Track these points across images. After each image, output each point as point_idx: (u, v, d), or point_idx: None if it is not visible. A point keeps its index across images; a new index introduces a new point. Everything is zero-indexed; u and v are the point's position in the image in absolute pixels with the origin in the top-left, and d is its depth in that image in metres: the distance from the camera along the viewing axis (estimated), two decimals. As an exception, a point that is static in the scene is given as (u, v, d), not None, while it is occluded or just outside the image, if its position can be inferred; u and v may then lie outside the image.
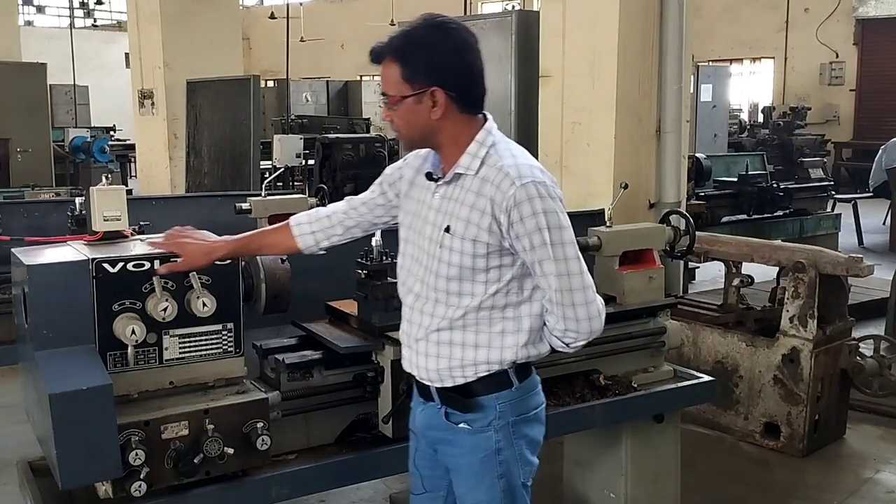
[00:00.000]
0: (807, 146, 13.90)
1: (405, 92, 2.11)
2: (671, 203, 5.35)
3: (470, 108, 2.17)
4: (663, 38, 5.37)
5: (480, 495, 2.22)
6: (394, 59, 2.12)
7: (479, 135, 2.17)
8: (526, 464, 2.22)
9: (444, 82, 2.10)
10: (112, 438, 2.24)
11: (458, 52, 2.12)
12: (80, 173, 12.09)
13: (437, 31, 2.12)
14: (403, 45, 2.12)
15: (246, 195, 5.09)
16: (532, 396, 2.24)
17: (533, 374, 2.25)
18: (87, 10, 26.25)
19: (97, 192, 2.62)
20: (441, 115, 2.12)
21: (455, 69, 2.12)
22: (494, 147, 2.15)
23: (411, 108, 2.12)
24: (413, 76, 2.10)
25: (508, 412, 2.17)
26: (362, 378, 2.77)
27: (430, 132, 2.16)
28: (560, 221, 2.09)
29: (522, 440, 2.20)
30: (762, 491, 4.18)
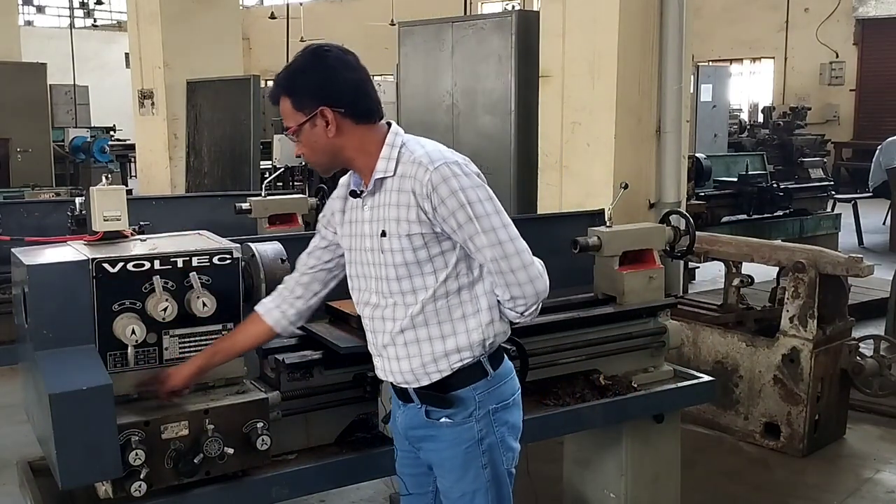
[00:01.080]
0: (807, 146, 13.91)
1: (299, 120, 2.21)
2: (671, 203, 5.35)
3: (364, 118, 2.24)
4: (663, 38, 5.38)
5: (466, 485, 2.26)
6: (283, 94, 2.22)
7: (387, 138, 2.24)
8: (508, 450, 2.28)
9: (329, 101, 2.19)
10: (112, 438, 2.24)
11: (334, 70, 2.20)
12: (80, 173, 12.10)
13: (312, 57, 2.22)
14: (287, 79, 2.23)
15: (246, 195, 5.10)
16: (508, 383, 2.31)
17: (505, 360, 2.32)
18: (87, 10, 26.23)
19: (97, 192, 2.62)
20: (337, 132, 2.21)
21: (336, 87, 2.20)
22: (405, 145, 2.23)
23: (310, 134, 2.21)
24: (301, 104, 2.20)
25: (487, 401, 2.24)
26: (362, 378, 2.77)
27: (335, 151, 2.24)
28: (479, 195, 2.14)
29: (504, 427, 2.27)
30: (762, 491, 4.18)
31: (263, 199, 4.82)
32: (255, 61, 24.33)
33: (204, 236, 2.70)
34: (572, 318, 3.27)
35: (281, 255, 2.67)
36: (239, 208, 4.77)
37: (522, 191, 6.36)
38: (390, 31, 13.36)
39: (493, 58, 6.65)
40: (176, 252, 2.47)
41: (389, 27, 16.69)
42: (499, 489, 2.27)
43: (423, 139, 2.28)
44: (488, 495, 2.26)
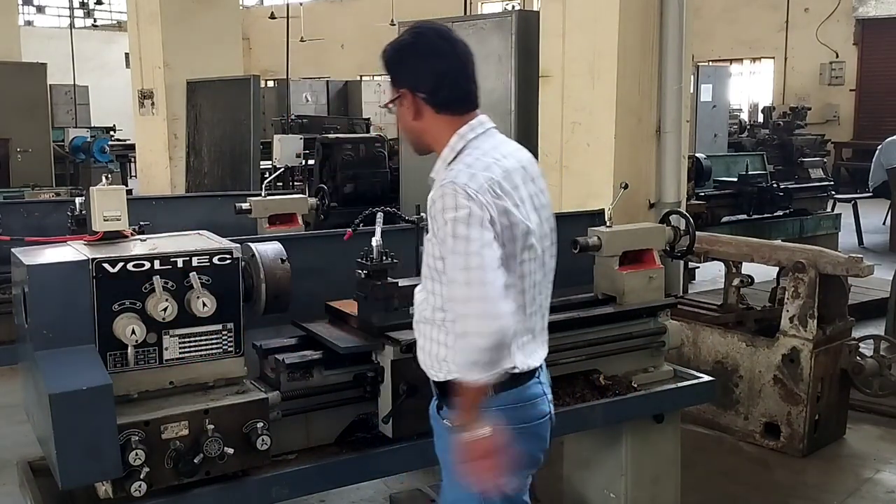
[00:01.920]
0: (807, 146, 13.89)
1: (391, 96, 2.25)
2: (671, 203, 5.35)
3: (445, 108, 2.20)
4: (663, 38, 5.37)
5: (456, 493, 2.23)
6: (385, 68, 2.26)
7: (452, 140, 2.20)
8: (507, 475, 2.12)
9: (413, 85, 2.20)
10: (112, 438, 2.24)
11: (421, 56, 2.21)
12: (80, 173, 12.08)
13: (408, 39, 2.23)
14: (389, 53, 2.25)
15: (246, 195, 5.09)
16: (516, 410, 2.18)
17: (524, 387, 2.20)
18: (87, 10, 26.24)
19: (97, 192, 2.62)
20: (417, 116, 2.21)
21: (419, 73, 2.20)
22: (463, 151, 2.18)
23: (398, 111, 2.26)
24: (393, 82, 2.24)
25: (488, 419, 2.09)
26: (362, 378, 2.77)
27: (417, 133, 2.26)
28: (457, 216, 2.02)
29: None
30: (762, 491, 4.18)
31: (263, 199, 4.82)
32: (255, 61, 24.34)
33: (204, 236, 2.70)
34: (572, 318, 3.27)
35: (281, 255, 2.67)
36: (239, 208, 4.76)
37: (522, 191, 6.35)
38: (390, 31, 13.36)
39: (493, 58, 6.65)
40: (176, 252, 2.47)
41: (389, 27, 16.69)
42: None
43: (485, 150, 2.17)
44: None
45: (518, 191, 2.15)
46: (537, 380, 2.25)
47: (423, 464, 3.05)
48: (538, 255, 2.21)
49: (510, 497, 2.20)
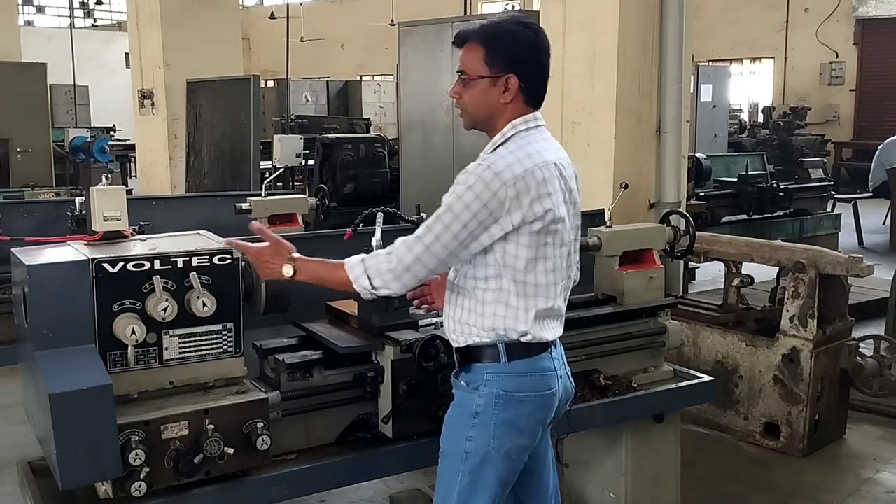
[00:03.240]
0: (807, 146, 13.91)
1: (484, 73, 2.34)
2: (671, 203, 5.35)
3: (532, 100, 2.38)
4: (663, 38, 5.38)
5: (446, 445, 2.41)
6: (479, 43, 2.34)
7: (505, 127, 2.36)
8: (500, 437, 2.32)
9: (519, 72, 2.33)
10: (112, 438, 2.24)
11: (536, 48, 2.37)
12: (80, 173, 12.08)
13: (523, 28, 2.36)
14: (491, 32, 2.35)
15: (246, 195, 5.10)
16: (526, 379, 2.35)
17: (535, 359, 2.36)
18: (87, 10, 26.24)
19: (97, 192, 2.62)
20: (509, 100, 2.35)
21: (531, 63, 2.36)
22: (511, 140, 2.34)
23: (485, 90, 2.35)
24: (494, 61, 2.33)
25: (495, 384, 2.33)
26: (362, 378, 2.77)
27: (494, 113, 2.37)
28: (461, 193, 2.24)
29: (504, 415, 2.32)
30: (762, 491, 4.18)
31: (263, 199, 4.82)
32: (255, 61, 24.35)
33: (204, 236, 2.70)
34: (572, 318, 3.24)
35: (281, 254, 2.66)
36: (239, 208, 4.76)
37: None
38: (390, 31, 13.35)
39: (493, 58, 6.64)
40: (176, 252, 2.47)
41: (389, 27, 16.70)
42: (478, 465, 2.33)
43: (527, 144, 2.32)
44: (462, 465, 2.35)
45: (551, 182, 2.30)
46: (549, 354, 2.40)
47: (423, 464, 3.04)
48: (565, 242, 2.37)
49: (510, 456, 2.35)
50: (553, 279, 2.36)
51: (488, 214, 2.23)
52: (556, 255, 2.35)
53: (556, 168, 2.34)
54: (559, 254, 2.36)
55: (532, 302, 2.33)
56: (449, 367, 2.64)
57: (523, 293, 2.32)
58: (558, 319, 2.44)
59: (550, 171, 2.31)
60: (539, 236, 2.29)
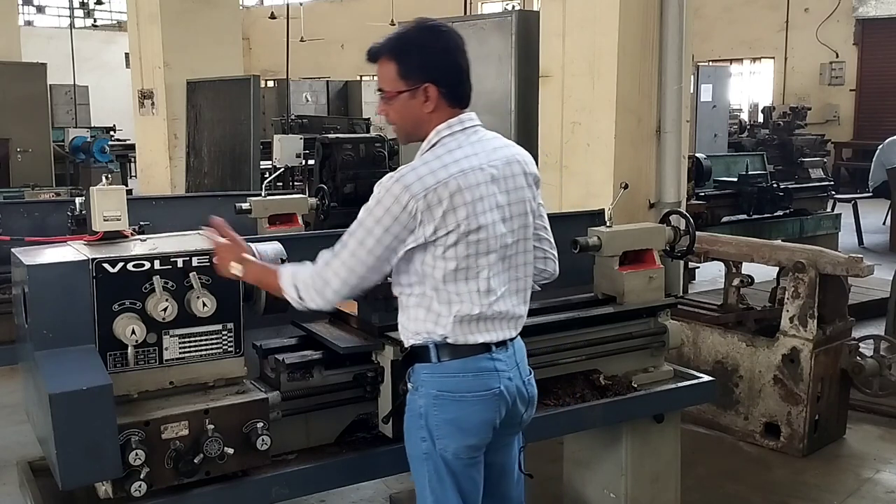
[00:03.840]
0: (807, 146, 13.90)
1: (401, 88, 2.32)
2: (671, 203, 5.35)
3: (457, 102, 2.36)
4: (663, 38, 5.37)
5: (409, 449, 2.43)
6: (390, 58, 2.33)
7: (430, 134, 2.35)
8: (445, 437, 2.34)
9: (435, 79, 2.30)
10: (112, 438, 2.24)
11: (448, 51, 2.34)
12: (80, 173, 12.06)
13: (430, 33, 2.35)
14: (399, 45, 2.34)
15: (246, 195, 5.09)
16: (459, 379, 2.35)
17: (467, 358, 2.35)
18: (87, 10, 26.23)
19: (97, 192, 2.62)
20: (433, 109, 2.32)
21: (445, 67, 2.33)
22: (433, 147, 2.33)
23: (406, 103, 2.33)
24: (408, 73, 2.31)
25: (429, 384, 2.35)
26: (362, 378, 2.77)
27: (422, 124, 2.35)
28: (372, 207, 2.25)
29: (444, 416, 2.34)
30: (762, 491, 4.18)
31: (263, 199, 4.82)
32: (255, 61, 24.35)
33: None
34: (572, 318, 3.27)
35: (281, 255, 2.67)
36: (239, 208, 4.76)
37: (522, 191, 6.34)
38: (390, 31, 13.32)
39: (493, 58, 6.64)
40: (176, 252, 2.47)
41: (389, 27, 16.68)
42: (437, 465, 2.35)
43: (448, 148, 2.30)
44: (426, 465, 2.37)
45: (472, 190, 2.26)
46: (488, 356, 2.37)
47: (423, 464, 3.05)
48: (493, 248, 2.32)
49: (460, 457, 2.35)
50: (484, 286, 2.32)
51: (401, 228, 2.23)
52: (483, 263, 2.31)
53: (483, 172, 2.29)
54: (487, 261, 2.31)
55: (455, 308, 2.31)
56: None
57: (446, 300, 2.31)
58: (503, 323, 2.39)
59: (470, 178, 2.26)
60: (457, 248, 2.26)
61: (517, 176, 2.40)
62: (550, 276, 2.65)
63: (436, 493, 2.37)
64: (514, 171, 2.40)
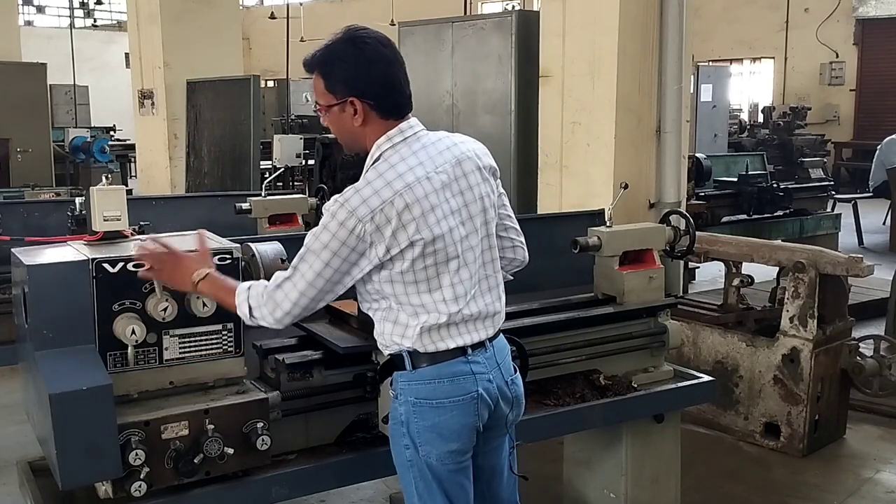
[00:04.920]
0: (807, 146, 13.90)
1: (330, 102, 2.30)
2: (671, 203, 5.35)
3: (391, 114, 2.31)
4: (663, 38, 5.37)
5: (396, 458, 2.42)
6: (317, 72, 2.30)
7: (372, 149, 2.31)
8: (427, 443, 2.32)
9: (360, 92, 2.26)
10: (112, 438, 2.24)
11: (372, 62, 2.27)
12: (80, 173, 12.06)
13: (352, 46, 2.28)
14: (323, 59, 2.29)
15: (246, 195, 5.09)
16: (436, 385, 2.32)
17: (440, 364, 2.32)
18: (87, 10, 26.23)
19: (97, 192, 2.62)
20: (363, 122, 2.29)
21: (369, 80, 2.26)
22: (374, 165, 2.29)
23: (338, 116, 2.31)
24: (333, 88, 2.29)
25: (407, 392, 2.33)
26: (362, 378, 2.76)
27: (357, 137, 2.33)
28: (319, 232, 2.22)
29: (424, 422, 2.32)
30: (762, 491, 4.18)
31: (263, 199, 4.82)
32: (255, 61, 24.33)
33: (204, 236, 2.69)
34: (572, 318, 3.27)
35: (281, 255, 2.67)
36: (239, 208, 4.76)
37: (522, 191, 6.35)
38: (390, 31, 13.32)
39: (493, 58, 6.65)
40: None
41: (389, 27, 16.68)
42: (422, 472, 2.35)
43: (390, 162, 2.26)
44: (411, 472, 2.36)
45: (422, 202, 2.22)
46: (464, 360, 2.34)
47: (423, 464, 3.05)
48: (454, 255, 2.29)
49: (445, 462, 2.34)
50: (450, 294, 2.29)
51: (350, 251, 2.20)
52: (444, 271, 2.28)
53: (430, 182, 2.24)
54: (448, 269, 2.28)
55: (423, 318, 2.29)
56: None
57: (412, 313, 2.29)
58: (476, 324, 2.36)
59: (417, 191, 2.21)
60: (414, 262, 2.23)
61: (470, 174, 2.35)
62: (521, 263, 2.63)
63: (423, 500, 2.36)
64: (466, 169, 2.35)
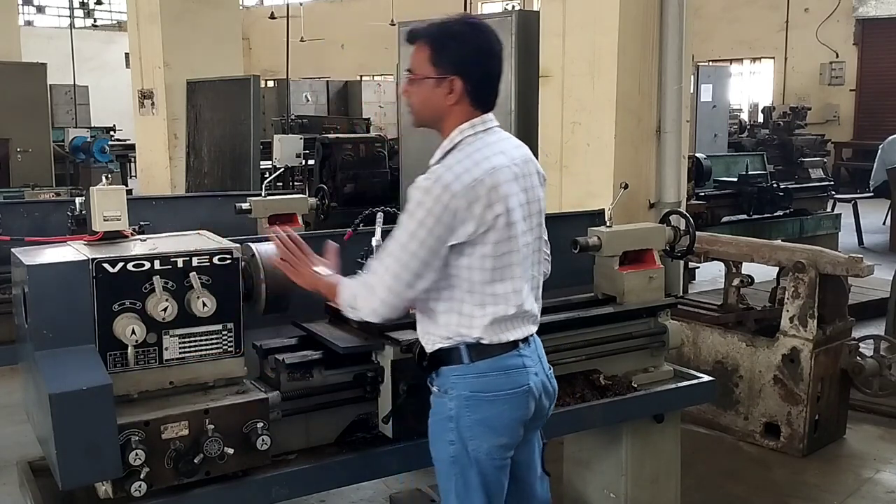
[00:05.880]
0: (807, 146, 13.91)
1: (428, 73, 2.34)
2: (671, 203, 5.35)
3: (480, 104, 2.36)
4: (663, 38, 5.37)
5: (436, 454, 2.43)
6: (426, 42, 2.34)
7: (454, 132, 2.35)
8: (476, 438, 2.34)
9: (465, 75, 2.31)
10: (112, 438, 2.24)
11: (484, 53, 2.34)
12: (80, 173, 12.06)
13: (473, 30, 2.35)
14: (438, 32, 2.34)
15: (246, 195, 5.09)
16: (492, 378, 2.35)
17: (496, 357, 2.36)
18: (87, 10, 26.25)
19: (97, 192, 2.62)
20: (454, 103, 2.33)
21: (476, 66, 2.33)
22: (458, 146, 2.34)
23: (430, 90, 2.35)
24: (440, 62, 2.32)
25: (461, 386, 2.34)
26: (362, 378, 2.77)
27: (440, 115, 2.37)
28: (415, 211, 2.24)
29: (476, 416, 2.34)
30: (762, 491, 4.18)
31: (263, 199, 4.82)
32: (255, 61, 24.35)
33: (204, 236, 2.70)
34: (572, 318, 3.27)
35: (281, 255, 2.67)
36: (239, 208, 4.76)
37: (522, 191, 6.35)
38: (390, 31, 13.34)
39: (493, 58, 6.64)
40: (176, 252, 2.47)
41: (389, 27, 16.69)
42: (465, 468, 2.35)
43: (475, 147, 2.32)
44: (453, 468, 2.37)
45: (505, 186, 2.29)
46: (517, 353, 2.38)
47: (423, 464, 3.04)
48: (518, 248, 2.34)
49: (493, 457, 2.36)
50: (515, 286, 2.35)
51: (444, 228, 2.23)
52: (515, 261, 2.34)
53: (508, 171, 2.32)
54: (516, 260, 2.34)
55: (490, 309, 2.32)
56: None
57: (479, 302, 2.32)
58: (528, 320, 2.43)
59: (500, 175, 2.29)
60: (496, 246, 2.28)
61: (532, 175, 2.43)
62: (546, 276, 2.67)
63: (461, 498, 2.37)
64: (530, 170, 2.43)
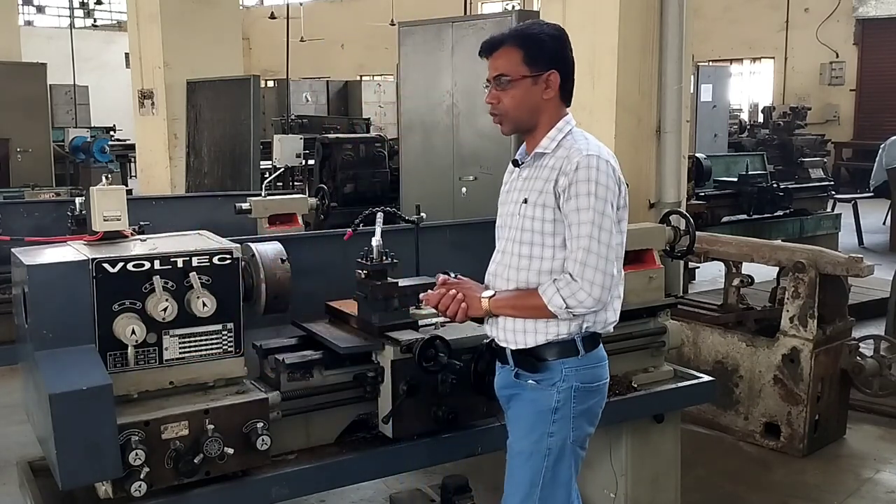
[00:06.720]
0: (807, 146, 13.91)
1: (524, 73, 2.40)
2: (671, 203, 5.34)
3: (566, 97, 2.50)
4: (663, 38, 5.37)
5: (527, 445, 2.42)
6: (514, 45, 2.41)
7: (559, 122, 2.47)
8: (577, 428, 2.40)
9: (561, 69, 2.44)
10: (112, 438, 2.24)
11: (567, 47, 2.48)
12: (80, 173, 12.05)
13: (556, 31, 2.48)
14: (525, 34, 2.44)
15: (246, 195, 5.10)
16: (598, 368, 2.44)
17: (600, 348, 2.46)
18: (87, 10, 26.24)
19: (97, 192, 2.62)
20: (550, 97, 2.44)
21: (566, 60, 2.47)
22: (571, 133, 2.45)
23: (527, 88, 2.42)
24: (534, 60, 2.40)
25: (573, 378, 2.38)
26: (362, 378, 2.77)
27: (538, 111, 2.44)
28: (605, 195, 2.30)
29: (582, 406, 2.40)
30: (762, 491, 4.18)
31: (263, 199, 4.82)
32: (255, 61, 24.35)
33: (204, 236, 2.70)
34: (572, 318, 3.26)
35: (281, 255, 2.67)
36: (239, 208, 4.76)
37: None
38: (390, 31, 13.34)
39: (493, 58, 6.64)
40: (176, 252, 2.47)
41: (389, 27, 16.70)
42: (557, 460, 2.39)
43: (589, 135, 2.47)
44: (545, 461, 2.39)
45: None
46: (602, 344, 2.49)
47: (423, 464, 3.05)
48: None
49: (584, 447, 2.45)
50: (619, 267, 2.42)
51: (616, 198, 2.33)
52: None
53: None
54: None
55: (620, 290, 2.44)
56: (449, 367, 2.65)
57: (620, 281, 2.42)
58: None
59: None
60: (622, 224, 2.38)
61: None
62: None
63: (545, 491, 2.40)
64: None
